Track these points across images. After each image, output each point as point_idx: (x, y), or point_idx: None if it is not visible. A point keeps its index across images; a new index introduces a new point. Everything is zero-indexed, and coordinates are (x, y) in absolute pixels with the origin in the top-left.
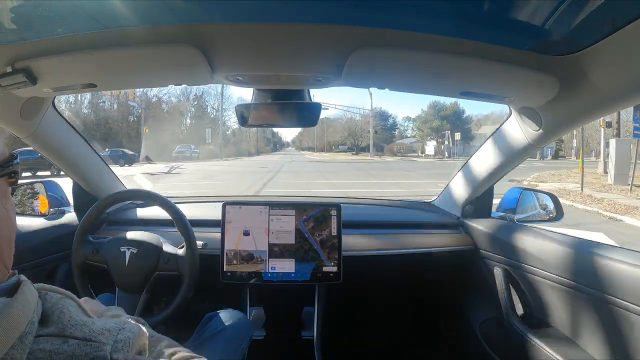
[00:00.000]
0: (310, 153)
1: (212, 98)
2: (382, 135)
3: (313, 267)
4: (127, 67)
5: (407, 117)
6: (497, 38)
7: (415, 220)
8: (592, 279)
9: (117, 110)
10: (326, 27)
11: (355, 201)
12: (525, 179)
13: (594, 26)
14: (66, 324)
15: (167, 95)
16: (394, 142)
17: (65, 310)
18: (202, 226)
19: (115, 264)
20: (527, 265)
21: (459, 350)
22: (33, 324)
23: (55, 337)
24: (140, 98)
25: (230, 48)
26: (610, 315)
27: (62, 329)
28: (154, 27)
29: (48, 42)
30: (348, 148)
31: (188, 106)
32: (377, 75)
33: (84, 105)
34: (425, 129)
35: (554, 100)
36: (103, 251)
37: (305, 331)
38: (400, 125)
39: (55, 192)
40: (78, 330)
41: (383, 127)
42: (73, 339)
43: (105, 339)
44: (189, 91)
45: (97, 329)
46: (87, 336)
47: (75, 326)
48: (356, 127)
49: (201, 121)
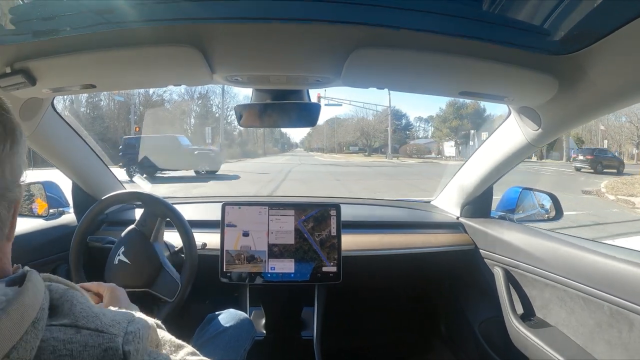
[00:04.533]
0: (320, 154)
1: (218, 97)
2: (396, 136)
3: (313, 267)
4: (126, 67)
5: (418, 117)
6: (496, 38)
7: (415, 220)
8: (592, 279)
9: (118, 109)
10: (325, 27)
11: (354, 201)
12: (595, 189)
13: (594, 26)
14: (78, 315)
15: (169, 93)
16: (409, 143)
17: (75, 302)
18: (202, 227)
19: (112, 275)
20: (526, 265)
21: (458, 350)
22: (44, 310)
23: (68, 327)
24: (140, 95)
25: (229, 48)
26: (610, 315)
27: (75, 320)
28: (153, 27)
29: (47, 43)
30: (359, 149)
31: (193, 105)
32: (376, 75)
33: (82, 103)
34: (444, 128)
35: (553, 99)
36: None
37: (305, 331)
38: (411, 126)
39: (55, 192)
40: (90, 322)
41: (397, 127)
42: (86, 330)
43: (116, 330)
44: (193, 90)
45: (108, 321)
46: (100, 327)
47: (87, 317)
48: (369, 127)
49: (205, 121)
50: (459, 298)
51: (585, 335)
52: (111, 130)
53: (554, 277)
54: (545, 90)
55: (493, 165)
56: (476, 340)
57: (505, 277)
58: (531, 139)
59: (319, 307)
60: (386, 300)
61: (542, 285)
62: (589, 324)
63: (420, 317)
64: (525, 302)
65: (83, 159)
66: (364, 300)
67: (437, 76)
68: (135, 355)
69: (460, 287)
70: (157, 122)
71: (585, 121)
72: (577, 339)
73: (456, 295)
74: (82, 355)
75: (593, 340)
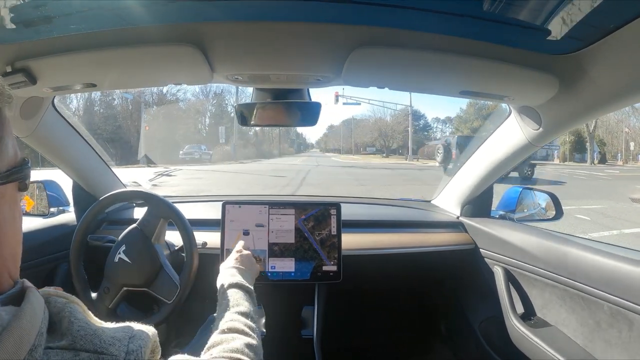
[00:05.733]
0: (336, 155)
1: (233, 96)
2: (415, 137)
3: (313, 267)
4: (127, 66)
5: (435, 118)
6: (496, 37)
7: (415, 219)
8: (592, 278)
9: (132, 108)
10: (325, 27)
11: (354, 200)
12: None
13: (594, 25)
14: (76, 334)
15: (183, 92)
16: (427, 144)
17: (73, 320)
18: (202, 225)
19: (112, 272)
20: (527, 264)
21: (458, 349)
22: (42, 335)
23: (66, 351)
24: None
25: (229, 47)
26: (610, 314)
27: (73, 342)
28: (153, 26)
29: (48, 42)
30: (376, 150)
31: (207, 105)
32: (376, 74)
33: (95, 103)
34: (465, 129)
35: (554, 99)
36: (101, 256)
37: (305, 330)
38: (430, 127)
39: (55, 191)
40: (89, 342)
41: (416, 128)
42: (84, 352)
43: (116, 350)
44: (208, 89)
45: (107, 339)
46: (99, 348)
47: (85, 337)
48: (386, 127)
49: (221, 120)
50: (459, 297)
51: (585, 335)
52: (124, 129)
53: (554, 276)
54: (545, 90)
55: (493, 164)
56: (476, 339)
57: (505, 276)
58: (531, 139)
59: (319, 306)
60: (386, 300)
61: (543, 285)
62: (589, 323)
63: (420, 316)
64: (526, 302)
65: (83, 157)
66: (364, 300)
67: (438, 75)
68: None
69: (461, 287)
70: (172, 121)
71: (586, 120)
72: (577, 339)
73: (456, 295)
74: None
75: (593, 340)
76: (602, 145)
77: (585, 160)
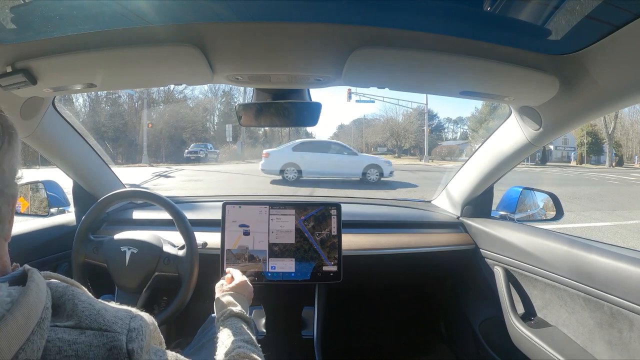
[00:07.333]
0: None
1: (242, 95)
2: (429, 137)
3: (313, 267)
4: (127, 66)
5: (447, 118)
6: (497, 37)
7: (415, 219)
8: (592, 278)
9: (138, 106)
10: (326, 27)
11: (355, 200)
12: None
13: (594, 25)
14: (81, 315)
15: (191, 90)
16: (441, 144)
17: (77, 302)
18: (202, 226)
19: (115, 263)
20: (527, 265)
21: (458, 349)
22: (48, 309)
23: (72, 329)
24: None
25: (230, 48)
26: (610, 315)
27: (79, 321)
28: (153, 26)
29: (48, 42)
30: (387, 150)
31: (216, 103)
32: (377, 74)
33: (101, 100)
34: (480, 129)
35: (554, 99)
36: (103, 250)
37: (305, 330)
38: (443, 127)
39: (55, 191)
40: (93, 321)
41: (429, 128)
42: (89, 330)
43: (119, 327)
44: (217, 87)
45: (110, 317)
46: (102, 326)
47: (90, 316)
48: (398, 127)
49: (229, 119)
50: (459, 298)
51: (586, 335)
52: (129, 126)
53: (555, 277)
54: (546, 90)
55: (494, 165)
56: (476, 340)
57: (505, 276)
58: (532, 139)
59: (319, 307)
60: (387, 300)
61: (543, 285)
62: (589, 323)
63: (420, 316)
64: (526, 302)
65: (84, 158)
66: (365, 300)
67: (438, 76)
68: (140, 353)
69: (461, 287)
70: (178, 119)
71: (586, 121)
72: (578, 339)
73: (456, 295)
74: (88, 355)
75: (593, 340)
76: (618, 147)
77: (601, 163)
